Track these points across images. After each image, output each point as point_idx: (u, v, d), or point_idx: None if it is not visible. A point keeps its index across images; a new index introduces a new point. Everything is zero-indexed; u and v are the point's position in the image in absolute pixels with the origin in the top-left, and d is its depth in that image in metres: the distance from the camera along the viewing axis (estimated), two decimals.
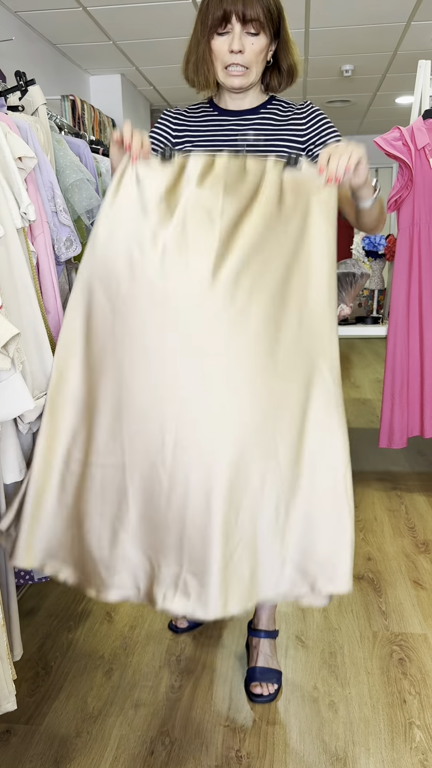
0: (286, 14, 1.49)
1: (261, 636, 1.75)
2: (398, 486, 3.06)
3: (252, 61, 1.43)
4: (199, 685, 1.71)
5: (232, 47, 1.40)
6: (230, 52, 1.41)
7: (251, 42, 1.41)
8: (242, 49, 1.40)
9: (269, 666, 1.71)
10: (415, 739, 1.51)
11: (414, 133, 2.64)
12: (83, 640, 1.92)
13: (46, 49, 4.11)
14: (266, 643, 1.75)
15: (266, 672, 1.69)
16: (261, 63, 1.46)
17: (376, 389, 5.14)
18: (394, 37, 4.15)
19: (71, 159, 1.62)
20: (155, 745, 1.51)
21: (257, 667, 1.70)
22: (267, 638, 1.75)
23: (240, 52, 1.41)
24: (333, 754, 1.47)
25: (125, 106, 5.01)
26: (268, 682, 1.67)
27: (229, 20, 1.39)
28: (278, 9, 1.44)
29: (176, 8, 3.61)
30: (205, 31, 1.43)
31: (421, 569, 2.27)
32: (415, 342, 2.81)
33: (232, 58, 1.42)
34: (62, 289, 1.60)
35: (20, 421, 1.36)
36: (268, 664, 1.71)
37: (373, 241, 3.01)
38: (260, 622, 1.77)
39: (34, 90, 1.68)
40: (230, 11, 1.38)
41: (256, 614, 1.78)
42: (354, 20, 3.85)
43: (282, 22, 1.46)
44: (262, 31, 1.40)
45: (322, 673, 1.75)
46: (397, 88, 5.41)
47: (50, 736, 1.55)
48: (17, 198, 1.38)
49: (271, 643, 1.75)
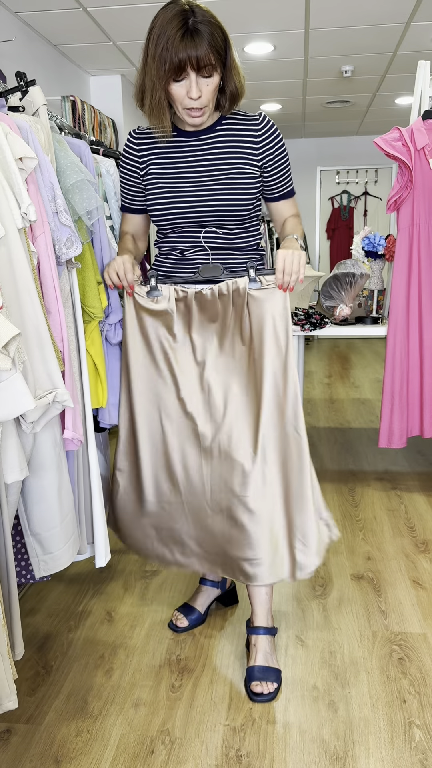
0: (286, 15, 1.51)
1: (260, 633, 1.76)
2: (398, 486, 3.07)
3: (209, 100, 1.54)
4: (199, 685, 1.71)
5: (190, 94, 1.50)
6: (189, 98, 1.51)
7: (206, 84, 1.51)
8: (200, 95, 1.51)
9: (269, 664, 1.71)
10: (415, 739, 1.51)
11: (414, 134, 2.65)
12: (84, 639, 1.93)
13: (46, 50, 4.11)
14: (265, 640, 1.75)
15: (266, 671, 1.69)
16: (215, 96, 1.56)
17: (375, 389, 5.14)
18: (394, 38, 4.16)
19: (72, 159, 1.62)
20: (155, 744, 1.52)
21: (257, 666, 1.70)
22: (266, 635, 1.76)
23: (198, 98, 1.51)
24: (333, 753, 1.48)
25: (125, 107, 5.01)
26: (267, 681, 1.67)
27: (184, 69, 1.46)
28: (224, 38, 1.52)
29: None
30: (161, 78, 1.50)
31: (421, 569, 2.27)
32: (415, 342, 2.81)
33: (191, 103, 1.53)
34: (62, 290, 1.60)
35: (23, 420, 1.37)
36: (268, 662, 1.72)
37: (372, 241, 3.01)
38: (258, 619, 1.77)
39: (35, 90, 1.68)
40: (185, 60, 1.45)
41: (253, 611, 1.79)
42: (354, 20, 3.85)
43: (228, 51, 1.54)
44: (214, 72, 1.50)
45: (322, 672, 1.75)
46: (397, 88, 5.41)
47: (50, 735, 1.55)
48: (18, 198, 1.38)
49: (269, 640, 1.76)
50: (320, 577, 2.23)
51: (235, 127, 1.65)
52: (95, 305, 1.73)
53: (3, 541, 1.38)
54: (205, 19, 1.46)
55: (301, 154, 7.77)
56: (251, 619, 1.80)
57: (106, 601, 2.12)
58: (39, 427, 1.40)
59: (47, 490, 1.50)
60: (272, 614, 1.81)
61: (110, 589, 2.20)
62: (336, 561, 2.35)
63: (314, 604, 2.07)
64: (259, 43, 4.21)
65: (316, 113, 6.31)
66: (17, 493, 1.43)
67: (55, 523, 1.53)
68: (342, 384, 5.38)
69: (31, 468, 1.48)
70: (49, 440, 1.48)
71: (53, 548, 1.54)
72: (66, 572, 2.32)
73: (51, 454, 1.49)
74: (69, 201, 1.61)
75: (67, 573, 2.31)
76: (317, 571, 2.28)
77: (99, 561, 1.77)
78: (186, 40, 1.44)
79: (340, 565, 2.32)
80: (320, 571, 2.28)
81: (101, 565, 1.76)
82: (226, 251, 1.70)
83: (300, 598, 2.11)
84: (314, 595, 2.13)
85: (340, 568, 2.29)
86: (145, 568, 2.34)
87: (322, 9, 3.64)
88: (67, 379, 1.56)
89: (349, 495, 2.98)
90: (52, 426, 1.49)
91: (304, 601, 2.09)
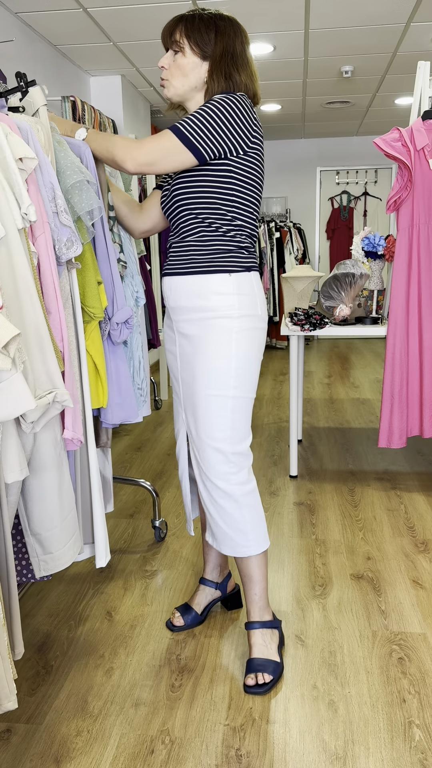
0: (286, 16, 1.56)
1: (255, 627, 1.77)
2: (398, 486, 3.07)
3: (172, 74, 1.69)
4: (199, 684, 1.72)
5: (159, 64, 1.72)
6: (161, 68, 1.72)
7: (174, 59, 1.68)
8: (164, 66, 1.70)
9: (264, 656, 1.72)
10: (415, 738, 1.51)
11: (413, 134, 2.65)
12: (84, 639, 1.93)
13: (46, 50, 4.12)
14: (259, 633, 1.76)
15: (262, 663, 1.71)
16: (183, 78, 1.68)
17: (375, 389, 5.15)
18: (394, 38, 4.16)
19: (72, 160, 1.63)
20: (155, 744, 1.52)
21: (253, 658, 1.73)
22: (260, 629, 1.77)
23: (162, 67, 1.71)
24: (333, 753, 1.48)
25: (125, 107, 5.01)
26: (264, 672, 1.68)
27: (165, 46, 1.72)
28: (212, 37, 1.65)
29: (176, 9, 3.62)
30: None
31: (421, 569, 2.27)
32: (415, 342, 2.81)
33: (161, 75, 1.75)
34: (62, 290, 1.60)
35: (23, 420, 1.37)
36: (263, 654, 1.73)
37: (372, 241, 3.01)
38: (250, 614, 1.79)
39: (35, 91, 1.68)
40: (163, 39, 1.71)
41: (246, 609, 1.82)
42: (354, 21, 3.85)
43: (218, 47, 1.65)
44: (181, 50, 1.66)
45: (322, 672, 1.75)
46: (397, 89, 5.41)
47: (50, 735, 1.55)
48: (18, 199, 1.38)
49: (264, 633, 1.77)
50: (320, 577, 2.24)
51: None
52: (95, 305, 1.73)
53: (3, 541, 1.38)
54: (197, 14, 1.66)
55: (300, 155, 7.77)
56: (246, 616, 1.82)
57: (106, 601, 2.12)
58: (39, 427, 1.41)
59: (47, 490, 1.50)
60: (270, 609, 1.81)
61: (110, 589, 2.20)
62: (336, 561, 2.35)
63: (314, 604, 2.07)
64: (259, 43, 4.21)
65: (316, 114, 6.31)
66: (17, 493, 1.43)
67: (55, 523, 1.53)
68: (342, 384, 5.38)
69: (32, 468, 1.48)
70: (49, 440, 1.48)
71: (53, 548, 1.54)
72: (66, 572, 2.32)
73: (51, 454, 1.49)
74: (68, 201, 1.61)
75: (67, 573, 2.32)
76: (317, 571, 2.28)
77: (99, 561, 1.77)
78: (170, 22, 1.69)
79: (340, 565, 2.32)
80: (320, 571, 2.28)
81: (101, 565, 1.76)
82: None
83: (300, 598, 2.11)
84: (314, 595, 2.13)
85: (340, 568, 2.30)
86: (145, 568, 2.34)
87: (322, 9, 3.65)
88: (67, 379, 1.56)
89: (349, 495, 2.98)
90: (52, 426, 1.49)
91: (304, 601, 2.09)
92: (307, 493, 3.02)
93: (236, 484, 1.69)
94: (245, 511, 1.71)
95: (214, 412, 1.67)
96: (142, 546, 2.52)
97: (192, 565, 2.35)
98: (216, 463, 1.68)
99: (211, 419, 1.67)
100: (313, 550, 2.44)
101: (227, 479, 1.69)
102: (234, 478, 1.69)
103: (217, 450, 1.68)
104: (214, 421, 1.67)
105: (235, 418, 1.68)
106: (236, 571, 2.29)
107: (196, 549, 2.48)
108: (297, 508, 2.84)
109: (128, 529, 2.68)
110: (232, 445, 1.68)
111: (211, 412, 1.67)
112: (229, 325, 1.66)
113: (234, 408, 1.68)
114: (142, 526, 2.71)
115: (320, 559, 2.37)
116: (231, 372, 1.66)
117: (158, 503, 2.57)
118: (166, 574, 2.29)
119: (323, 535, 2.56)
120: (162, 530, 2.57)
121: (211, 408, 1.67)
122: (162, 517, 2.73)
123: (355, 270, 2.94)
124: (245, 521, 1.71)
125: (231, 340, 1.66)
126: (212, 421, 1.67)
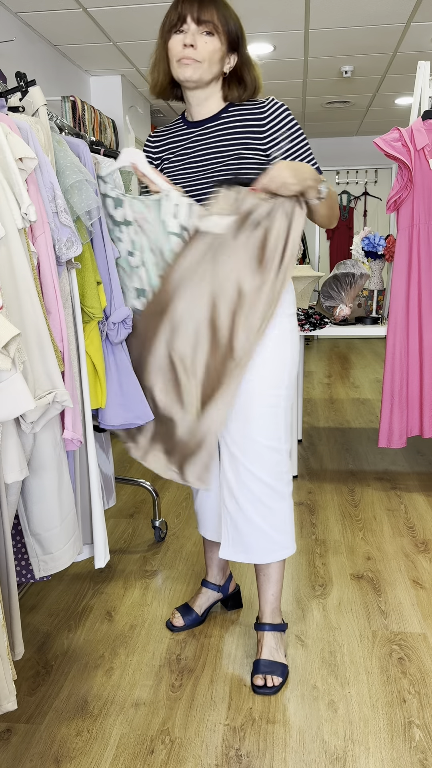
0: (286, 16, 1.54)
1: (265, 629, 1.77)
2: (397, 486, 3.07)
3: (205, 57, 1.50)
4: (199, 685, 1.72)
5: (185, 41, 1.49)
6: (183, 46, 1.50)
7: (205, 41, 1.50)
8: (194, 44, 1.49)
9: (274, 659, 1.72)
10: (415, 738, 1.51)
11: (413, 134, 2.65)
12: (83, 639, 1.93)
13: (46, 50, 4.11)
14: (270, 636, 1.76)
15: (271, 665, 1.71)
16: (215, 64, 1.53)
17: (375, 389, 5.15)
18: (394, 38, 4.16)
19: (71, 160, 1.62)
20: (155, 744, 1.52)
21: (261, 659, 1.72)
22: (272, 631, 1.77)
23: (192, 46, 1.49)
24: (333, 753, 1.48)
25: (125, 107, 5.01)
26: (273, 675, 1.68)
27: (185, 20, 1.49)
28: (237, 27, 1.56)
29: None
30: (164, 34, 1.53)
31: (421, 569, 2.27)
32: (415, 342, 2.81)
33: (184, 52, 1.50)
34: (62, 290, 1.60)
35: (23, 420, 1.37)
36: (273, 657, 1.73)
37: (372, 241, 3.01)
38: (264, 616, 1.79)
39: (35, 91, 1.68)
40: (186, 13, 1.49)
41: (260, 608, 1.80)
42: (354, 21, 3.85)
43: (241, 41, 1.57)
44: (216, 34, 1.50)
45: (322, 672, 1.75)
46: (397, 88, 5.41)
47: (50, 735, 1.55)
48: (18, 198, 1.38)
49: (275, 636, 1.77)
50: (320, 577, 2.24)
51: (239, 113, 1.61)
52: (95, 305, 1.73)
53: (3, 541, 1.38)
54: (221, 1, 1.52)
55: None
56: (258, 616, 1.82)
57: (106, 601, 2.12)
58: (39, 427, 1.40)
59: (47, 490, 1.50)
60: (281, 612, 1.82)
61: (110, 589, 2.20)
62: (336, 561, 2.35)
63: (314, 604, 2.07)
64: (259, 43, 4.21)
65: (315, 113, 6.31)
66: (17, 493, 1.43)
67: (55, 524, 1.53)
68: (342, 384, 5.38)
69: (31, 468, 1.48)
70: (49, 440, 1.48)
71: (53, 548, 1.54)
72: (66, 572, 2.32)
73: (51, 454, 1.49)
74: (68, 201, 1.61)
75: (67, 573, 2.32)
76: (317, 571, 2.28)
77: (98, 562, 1.77)
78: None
79: (340, 565, 2.32)
80: (320, 571, 2.28)
81: (100, 566, 1.76)
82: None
83: (300, 598, 2.11)
84: (314, 594, 2.13)
85: (340, 568, 2.30)
86: (145, 568, 2.34)
87: (322, 9, 3.65)
88: (67, 379, 1.56)
89: (349, 495, 2.98)
90: (51, 426, 1.49)
91: (303, 601, 2.09)
92: (307, 493, 3.02)
93: (287, 483, 1.71)
94: (291, 511, 1.74)
95: (270, 411, 1.66)
96: (142, 546, 2.52)
97: (192, 565, 2.35)
98: (273, 463, 1.67)
99: (267, 418, 1.65)
100: (313, 550, 2.44)
101: (281, 478, 1.69)
102: (287, 477, 1.70)
103: (274, 450, 1.67)
104: (270, 420, 1.65)
105: (286, 416, 1.70)
106: (237, 572, 2.29)
107: (196, 549, 2.48)
108: (297, 508, 2.84)
109: (128, 529, 2.68)
110: (287, 442, 1.70)
111: (268, 411, 1.66)
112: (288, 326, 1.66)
113: (285, 407, 1.68)
114: (142, 526, 2.71)
115: (320, 559, 2.37)
116: (285, 371, 1.66)
117: (158, 503, 2.57)
118: (166, 574, 2.29)
119: (323, 535, 2.56)
120: (162, 530, 2.57)
121: (267, 408, 1.66)
122: (162, 517, 2.73)
123: (355, 270, 2.94)
124: (291, 521, 1.73)
125: (286, 340, 1.66)
126: (268, 420, 1.65)
